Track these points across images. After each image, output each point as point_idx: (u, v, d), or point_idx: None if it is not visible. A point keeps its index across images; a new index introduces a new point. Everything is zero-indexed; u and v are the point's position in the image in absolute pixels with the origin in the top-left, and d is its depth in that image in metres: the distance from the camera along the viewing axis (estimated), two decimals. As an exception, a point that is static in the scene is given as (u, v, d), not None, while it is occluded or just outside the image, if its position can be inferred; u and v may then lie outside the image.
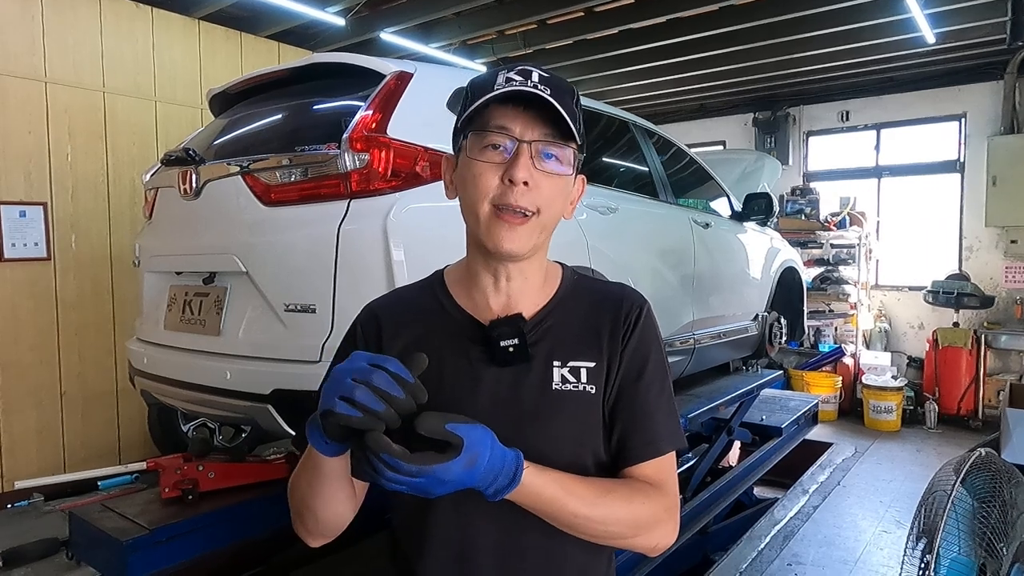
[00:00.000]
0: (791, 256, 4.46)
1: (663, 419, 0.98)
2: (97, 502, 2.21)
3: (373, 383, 0.74)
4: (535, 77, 0.92)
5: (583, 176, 1.03)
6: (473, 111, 0.93)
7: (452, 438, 0.76)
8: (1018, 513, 1.69)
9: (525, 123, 0.92)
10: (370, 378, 0.74)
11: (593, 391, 0.97)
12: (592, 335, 0.99)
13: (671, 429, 0.99)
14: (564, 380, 0.96)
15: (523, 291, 1.00)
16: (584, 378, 0.97)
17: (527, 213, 0.92)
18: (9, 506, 4.08)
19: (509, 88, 0.91)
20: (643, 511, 0.92)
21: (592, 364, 0.97)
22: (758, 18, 5.17)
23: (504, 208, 0.92)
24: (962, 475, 1.68)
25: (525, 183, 0.91)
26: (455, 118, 0.98)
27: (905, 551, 1.76)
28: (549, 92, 0.91)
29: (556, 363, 0.97)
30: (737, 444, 4.07)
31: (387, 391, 0.74)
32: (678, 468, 3.20)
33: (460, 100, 0.99)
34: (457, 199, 0.99)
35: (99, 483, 3.56)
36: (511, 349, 0.94)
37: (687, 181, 3.55)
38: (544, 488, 0.85)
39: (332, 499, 0.94)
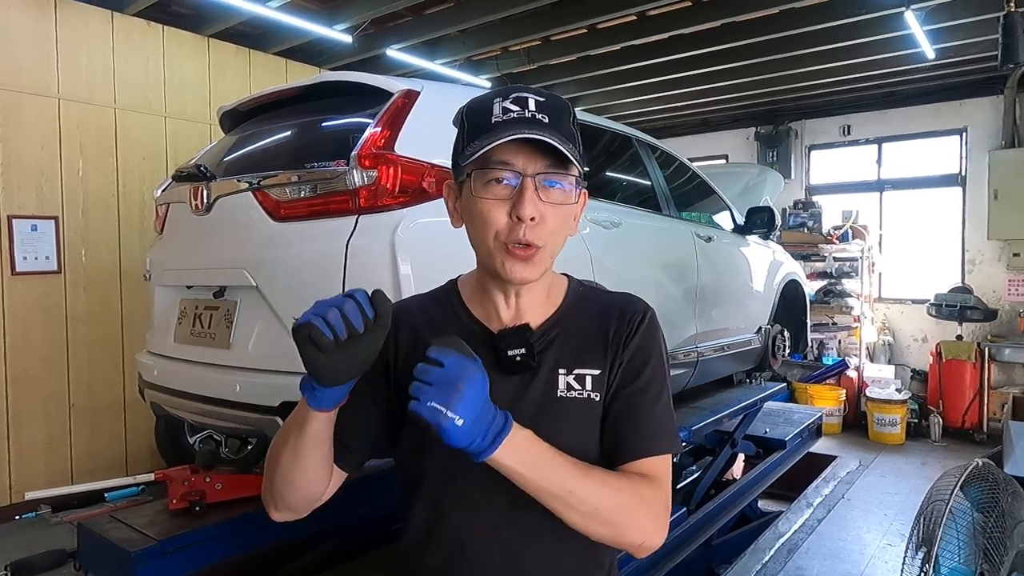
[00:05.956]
0: (794, 269, 4.47)
1: (658, 421, 1.00)
2: (105, 513, 2.22)
3: (344, 309, 0.85)
4: (532, 105, 0.92)
5: (584, 190, 1.04)
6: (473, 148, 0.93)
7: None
8: (1015, 522, 1.70)
9: (527, 157, 0.93)
10: (342, 305, 0.85)
11: (597, 398, 1.01)
12: (597, 343, 1.02)
13: (666, 431, 1.01)
14: (569, 387, 1.00)
15: (530, 304, 1.03)
16: (589, 385, 1.01)
17: (536, 245, 0.95)
18: (17, 517, 4.09)
19: (509, 135, 0.90)
20: (627, 497, 0.93)
21: (597, 372, 1.01)
22: (760, 34, 5.23)
23: (513, 243, 0.94)
24: (959, 484, 1.69)
25: (532, 218, 0.93)
26: (454, 142, 0.99)
27: (904, 560, 1.77)
28: (547, 120, 0.92)
29: (562, 371, 1.01)
30: (741, 457, 4.07)
31: (350, 317, 0.85)
32: (682, 480, 3.23)
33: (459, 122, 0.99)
34: (463, 227, 1.01)
35: (106, 495, 3.56)
36: (518, 359, 0.98)
37: (690, 195, 3.58)
38: (530, 449, 0.88)
39: (310, 467, 0.98)
